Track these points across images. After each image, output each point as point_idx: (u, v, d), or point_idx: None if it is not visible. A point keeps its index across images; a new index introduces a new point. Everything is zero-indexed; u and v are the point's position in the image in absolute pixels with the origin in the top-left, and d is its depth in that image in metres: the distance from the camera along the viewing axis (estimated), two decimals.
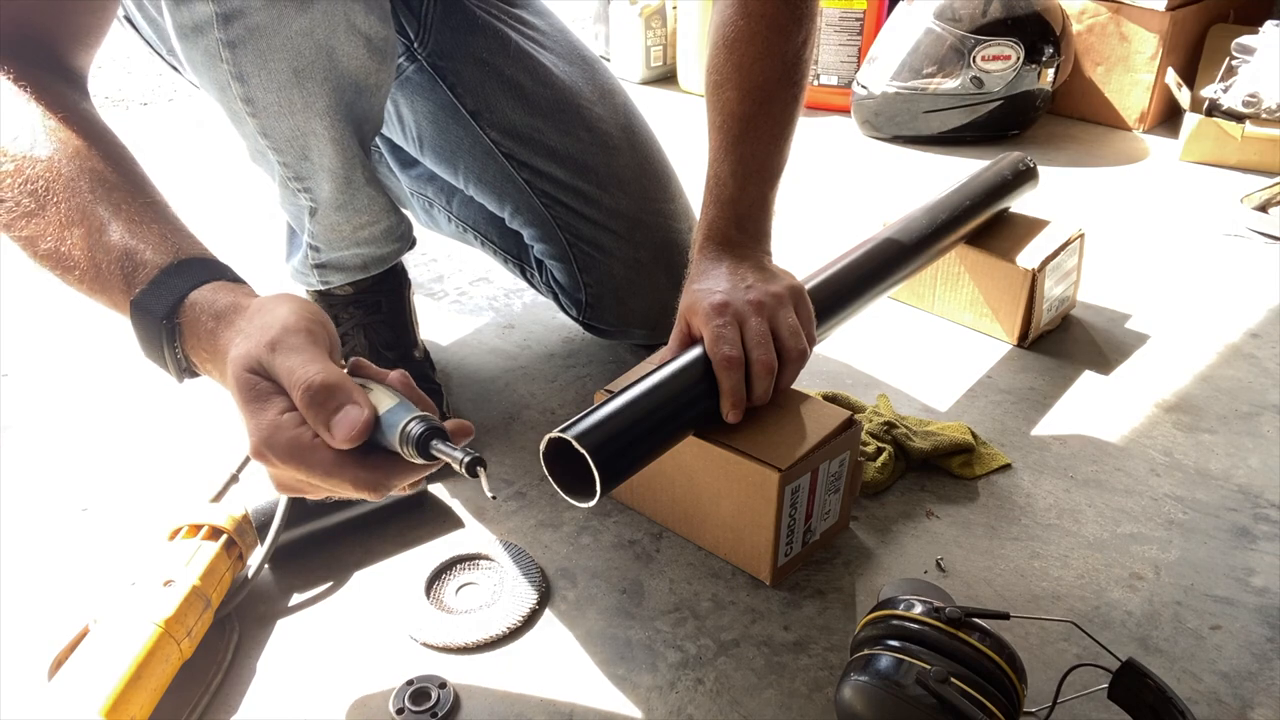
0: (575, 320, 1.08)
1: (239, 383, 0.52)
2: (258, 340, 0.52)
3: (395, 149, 1.14)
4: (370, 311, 0.97)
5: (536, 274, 1.09)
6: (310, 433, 0.51)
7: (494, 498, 0.51)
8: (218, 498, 0.86)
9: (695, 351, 0.74)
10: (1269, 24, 1.66)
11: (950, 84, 1.75)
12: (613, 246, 1.01)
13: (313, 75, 0.78)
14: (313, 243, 0.91)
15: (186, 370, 0.58)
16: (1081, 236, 1.13)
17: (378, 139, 1.11)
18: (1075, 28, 1.84)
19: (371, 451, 0.52)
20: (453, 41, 0.96)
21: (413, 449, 0.51)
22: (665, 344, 0.81)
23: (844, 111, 1.94)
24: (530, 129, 0.98)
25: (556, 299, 1.08)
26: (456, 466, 0.51)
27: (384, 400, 0.53)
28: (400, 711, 0.67)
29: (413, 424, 0.51)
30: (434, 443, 0.51)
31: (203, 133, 1.89)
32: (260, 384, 0.52)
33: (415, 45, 0.96)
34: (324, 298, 0.97)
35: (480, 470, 0.50)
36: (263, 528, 0.78)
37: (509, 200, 1.02)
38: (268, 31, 0.74)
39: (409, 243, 0.98)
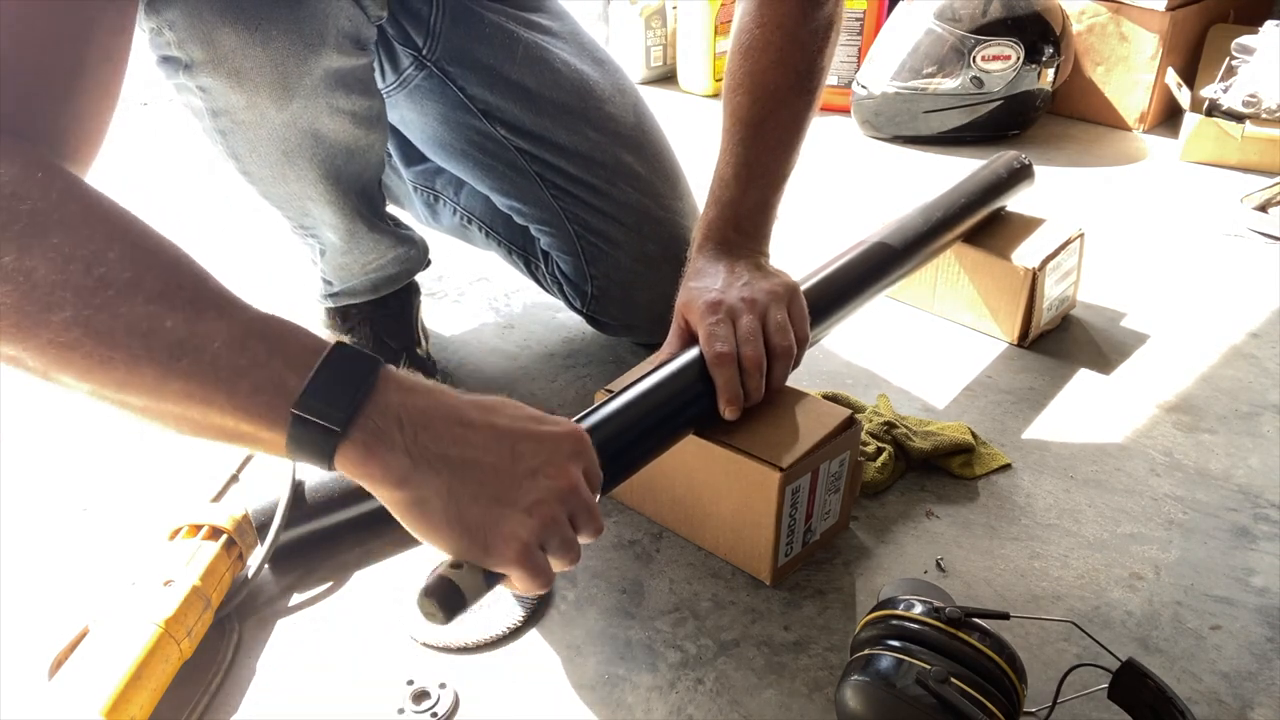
0: (579, 313, 1.08)
1: (529, 412, 0.57)
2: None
3: (402, 146, 1.14)
4: (377, 306, 1.01)
5: (542, 265, 1.09)
6: None
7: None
8: (218, 498, 0.86)
9: (693, 351, 0.75)
10: (1269, 24, 1.66)
11: (950, 84, 1.75)
12: (621, 239, 1.01)
13: (301, 154, 0.83)
14: (325, 277, 0.99)
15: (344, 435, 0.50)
16: (1081, 236, 1.13)
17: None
18: (1075, 28, 1.84)
19: None
20: (460, 48, 0.97)
21: None
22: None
23: (844, 111, 1.94)
24: (540, 128, 0.99)
25: (561, 291, 1.09)
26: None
27: None
28: (400, 711, 0.67)
29: None
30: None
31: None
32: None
33: (424, 52, 0.96)
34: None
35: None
36: (263, 528, 0.78)
37: (518, 192, 1.03)
38: (252, 124, 0.80)
39: (422, 264, 1.04)
